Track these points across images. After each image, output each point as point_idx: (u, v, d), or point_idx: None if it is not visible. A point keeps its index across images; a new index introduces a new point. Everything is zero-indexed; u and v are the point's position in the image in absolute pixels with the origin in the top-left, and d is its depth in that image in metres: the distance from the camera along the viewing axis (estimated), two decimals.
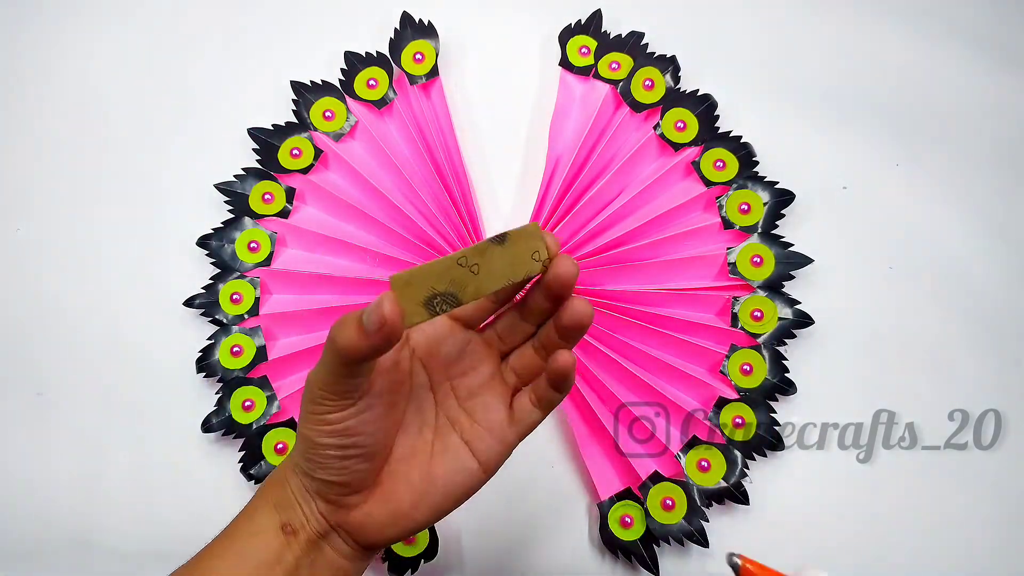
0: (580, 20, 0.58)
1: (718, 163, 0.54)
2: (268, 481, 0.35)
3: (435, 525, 0.48)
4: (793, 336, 0.52)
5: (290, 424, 0.51)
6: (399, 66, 0.57)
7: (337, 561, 0.34)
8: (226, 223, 0.54)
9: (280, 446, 0.50)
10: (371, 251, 0.53)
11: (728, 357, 0.51)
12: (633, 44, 0.57)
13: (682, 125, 0.55)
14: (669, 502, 0.48)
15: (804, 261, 0.53)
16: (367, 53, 0.57)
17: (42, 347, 0.54)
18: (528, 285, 0.34)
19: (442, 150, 0.54)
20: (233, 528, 0.34)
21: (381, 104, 0.56)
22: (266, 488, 0.35)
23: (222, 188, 0.55)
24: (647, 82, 0.56)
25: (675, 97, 0.56)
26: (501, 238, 0.31)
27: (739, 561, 0.30)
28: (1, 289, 0.55)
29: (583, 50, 0.57)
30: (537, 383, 0.35)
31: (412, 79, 0.56)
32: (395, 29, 0.58)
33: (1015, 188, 0.56)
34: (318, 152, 0.55)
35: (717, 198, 0.54)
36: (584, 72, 0.57)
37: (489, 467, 0.35)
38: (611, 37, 0.57)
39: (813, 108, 0.57)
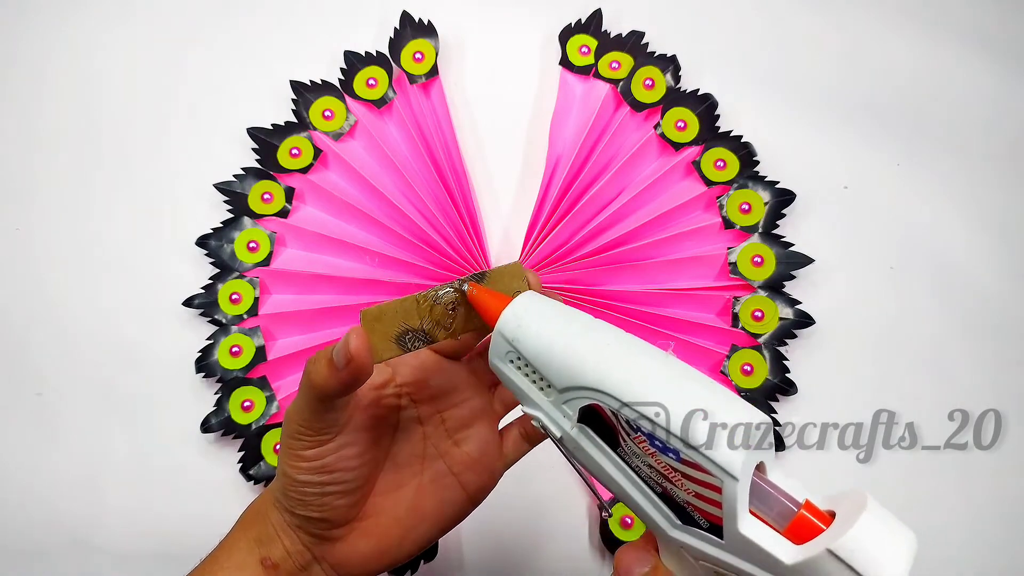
0: (580, 19, 0.58)
1: (719, 163, 0.54)
2: (247, 515, 0.34)
3: None
4: (794, 336, 0.52)
5: None
6: (399, 65, 0.57)
7: None
8: (225, 223, 0.54)
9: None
10: (371, 251, 0.53)
11: (729, 357, 0.51)
12: (633, 43, 0.57)
13: (683, 125, 0.55)
14: None
15: (805, 261, 0.53)
16: (367, 52, 0.57)
17: (42, 347, 0.54)
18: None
19: (442, 150, 0.54)
20: (212, 562, 0.33)
21: (381, 103, 0.56)
22: (245, 522, 0.34)
23: (221, 188, 0.54)
24: (647, 81, 0.56)
25: (675, 96, 0.56)
26: (480, 276, 0.31)
27: (467, 287, 0.31)
28: (1, 289, 0.55)
29: (583, 49, 0.57)
30: (525, 417, 0.34)
31: (412, 78, 0.56)
32: (395, 28, 0.57)
33: (1016, 188, 0.56)
34: (317, 152, 0.55)
35: (718, 198, 0.53)
36: (584, 71, 0.57)
37: (477, 498, 0.35)
38: (611, 36, 0.57)
39: (814, 108, 0.57)
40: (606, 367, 0.26)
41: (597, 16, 0.58)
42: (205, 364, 0.52)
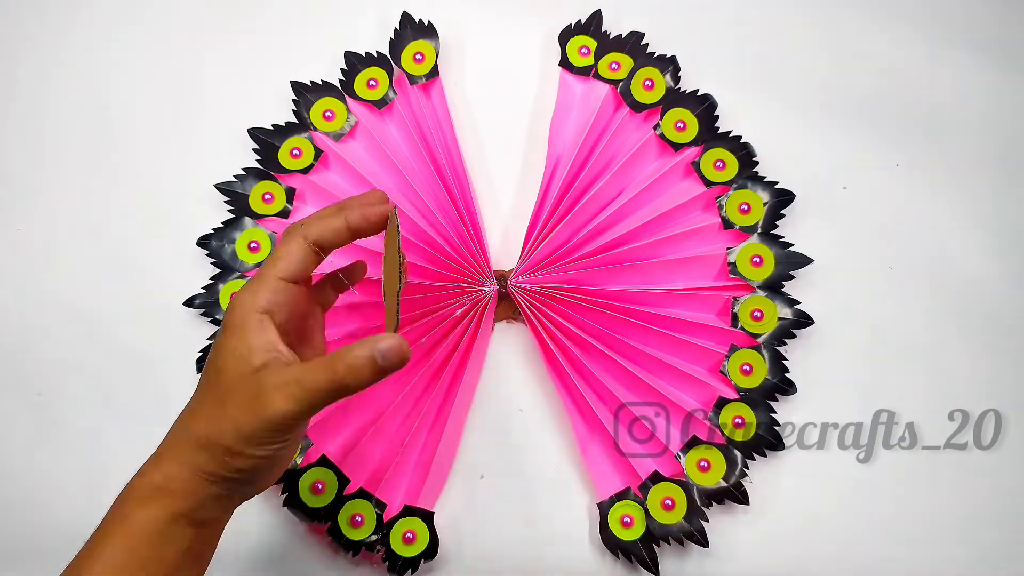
0: (580, 20, 0.58)
1: (718, 163, 0.54)
2: (169, 496, 0.35)
3: (435, 525, 0.48)
4: (793, 336, 0.52)
5: None
6: (399, 66, 0.57)
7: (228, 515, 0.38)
8: (226, 223, 0.54)
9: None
10: (371, 251, 0.53)
11: (728, 357, 0.51)
12: (633, 44, 0.57)
13: (682, 125, 0.55)
14: (669, 502, 0.48)
15: (804, 261, 0.53)
16: (367, 53, 0.57)
17: (42, 347, 0.54)
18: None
19: (442, 150, 0.54)
20: (125, 535, 0.36)
21: (381, 104, 0.56)
22: (168, 503, 0.35)
23: (222, 188, 0.55)
24: (647, 82, 0.56)
25: (675, 97, 0.56)
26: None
27: None
28: (1, 289, 0.55)
29: (583, 50, 0.57)
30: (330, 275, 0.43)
31: (412, 79, 0.56)
32: (395, 29, 0.58)
33: (1015, 188, 0.56)
34: (318, 152, 0.55)
35: (717, 198, 0.54)
36: (584, 72, 0.57)
37: None
38: (611, 37, 0.57)
39: (813, 108, 0.57)
40: None
41: (597, 17, 0.58)
42: None
